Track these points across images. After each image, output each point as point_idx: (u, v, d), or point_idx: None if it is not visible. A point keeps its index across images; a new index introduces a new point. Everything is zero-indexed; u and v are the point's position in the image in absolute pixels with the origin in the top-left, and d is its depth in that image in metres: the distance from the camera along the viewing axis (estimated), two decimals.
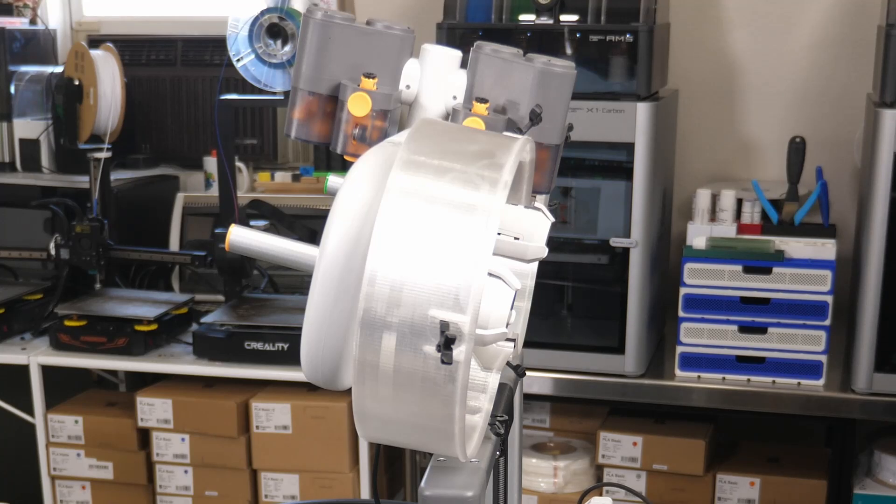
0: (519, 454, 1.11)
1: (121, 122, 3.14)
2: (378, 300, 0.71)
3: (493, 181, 0.74)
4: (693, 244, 2.44)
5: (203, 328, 2.68)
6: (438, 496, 0.79)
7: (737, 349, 2.42)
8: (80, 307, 2.76)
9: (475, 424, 0.84)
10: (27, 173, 3.18)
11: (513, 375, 0.95)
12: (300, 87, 0.95)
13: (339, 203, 0.80)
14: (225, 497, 2.75)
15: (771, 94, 2.89)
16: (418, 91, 0.96)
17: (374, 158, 0.82)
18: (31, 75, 3.22)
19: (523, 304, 0.94)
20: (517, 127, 0.93)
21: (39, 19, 3.38)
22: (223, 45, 2.58)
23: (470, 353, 0.71)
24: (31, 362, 2.69)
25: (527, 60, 0.94)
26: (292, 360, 2.58)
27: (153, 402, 2.72)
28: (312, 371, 0.83)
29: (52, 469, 2.81)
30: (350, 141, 0.94)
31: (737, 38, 2.90)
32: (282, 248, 0.87)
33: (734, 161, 2.94)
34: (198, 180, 3.26)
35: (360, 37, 0.94)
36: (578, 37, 2.41)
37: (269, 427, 2.68)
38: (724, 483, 2.58)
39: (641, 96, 2.37)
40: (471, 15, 2.47)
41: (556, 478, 2.65)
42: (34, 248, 2.95)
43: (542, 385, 2.51)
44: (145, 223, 3.15)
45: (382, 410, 0.75)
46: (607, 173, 2.45)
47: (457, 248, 0.71)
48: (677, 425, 2.66)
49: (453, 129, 0.82)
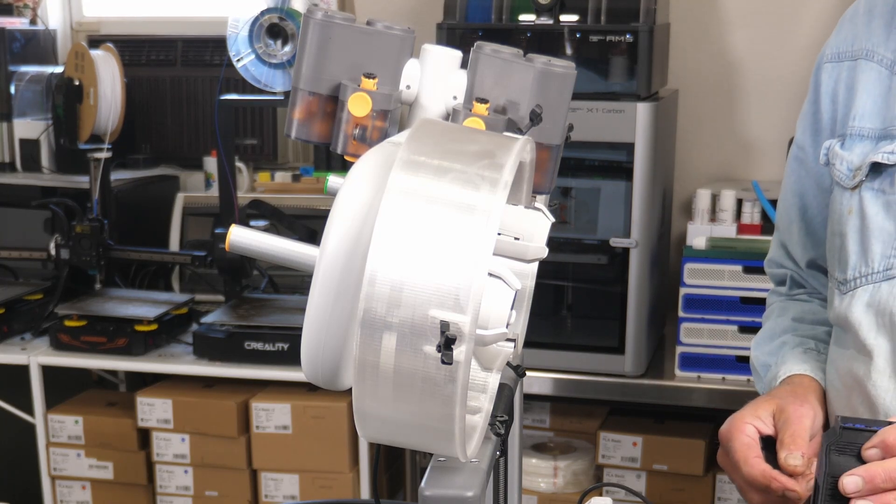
0: (519, 454, 1.11)
1: (121, 122, 3.14)
2: (378, 300, 0.71)
3: (493, 181, 0.74)
4: (693, 244, 2.44)
5: (203, 328, 2.68)
6: (438, 496, 0.79)
7: (737, 349, 2.42)
8: (80, 307, 2.76)
9: (475, 424, 0.84)
10: (27, 173, 3.18)
11: (513, 375, 0.95)
12: (300, 87, 0.95)
13: (339, 203, 0.80)
14: (225, 497, 2.75)
15: (771, 94, 2.89)
16: (418, 91, 0.96)
17: (375, 158, 0.82)
18: (31, 75, 3.22)
19: (523, 304, 0.94)
20: (517, 127, 0.93)
21: (39, 19, 3.38)
22: (223, 45, 2.58)
23: (470, 354, 0.71)
24: (31, 362, 2.69)
25: (527, 60, 0.94)
26: (292, 360, 2.58)
27: (153, 402, 2.72)
28: (312, 371, 0.82)
29: (52, 469, 2.81)
30: (350, 141, 0.93)
31: (737, 38, 2.90)
32: (282, 248, 0.87)
33: (734, 161, 2.94)
34: (198, 180, 3.26)
35: (360, 37, 0.94)
36: (578, 37, 2.41)
37: (269, 427, 2.68)
38: (724, 483, 2.58)
39: (641, 96, 2.37)
40: (471, 15, 2.47)
41: (556, 478, 2.65)
42: (34, 248, 2.95)
43: (542, 385, 2.51)
44: (145, 223, 3.15)
45: (382, 410, 0.74)
46: (607, 173, 2.45)
47: (457, 248, 0.71)
48: (677, 425, 2.67)
49: (453, 130, 0.82)
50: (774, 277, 1.50)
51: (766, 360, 1.39)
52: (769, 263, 1.50)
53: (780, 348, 1.38)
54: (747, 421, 1.20)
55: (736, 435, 1.20)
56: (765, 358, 1.40)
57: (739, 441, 1.19)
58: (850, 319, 1.24)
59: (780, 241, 1.46)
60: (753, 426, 1.20)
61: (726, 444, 1.22)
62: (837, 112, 1.32)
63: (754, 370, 1.43)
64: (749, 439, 1.19)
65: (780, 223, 1.46)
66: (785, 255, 1.46)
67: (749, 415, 1.21)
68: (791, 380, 1.31)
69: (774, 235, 1.48)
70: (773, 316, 1.45)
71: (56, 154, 3.18)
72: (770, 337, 1.42)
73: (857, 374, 1.23)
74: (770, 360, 1.38)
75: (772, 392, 1.29)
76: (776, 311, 1.46)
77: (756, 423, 1.20)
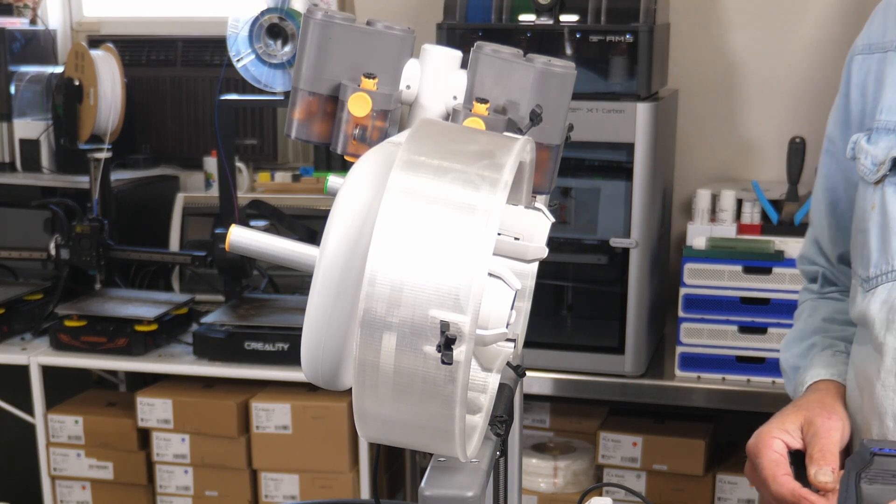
0: (519, 454, 1.11)
1: (121, 122, 3.14)
2: (378, 300, 0.71)
3: (493, 181, 0.74)
4: (693, 244, 2.44)
5: (203, 328, 2.68)
6: (438, 496, 0.79)
7: (737, 349, 2.42)
8: (80, 307, 2.76)
9: (475, 424, 0.84)
10: (27, 173, 3.18)
11: (513, 375, 0.95)
12: (300, 87, 0.95)
13: (339, 203, 0.80)
14: (225, 497, 2.75)
15: (771, 94, 2.89)
16: (418, 91, 0.96)
17: (375, 158, 0.82)
18: (31, 75, 3.22)
19: (523, 304, 0.94)
20: (517, 127, 0.93)
21: (39, 19, 3.38)
22: (223, 45, 2.58)
23: (470, 354, 0.71)
24: (31, 362, 2.69)
25: (527, 60, 0.94)
26: (292, 360, 2.58)
27: (153, 402, 2.72)
28: (312, 371, 0.82)
29: (52, 469, 2.81)
30: (350, 141, 0.93)
31: (737, 38, 2.89)
32: (282, 248, 0.87)
33: (734, 161, 2.94)
34: (198, 180, 3.26)
35: (360, 37, 0.94)
36: (578, 37, 2.41)
37: (269, 427, 2.68)
38: (724, 483, 2.58)
39: (641, 96, 2.37)
40: (471, 15, 2.47)
41: (556, 478, 2.65)
42: (34, 248, 2.95)
43: (542, 385, 2.51)
44: (145, 223, 3.15)
45: (382, 410, 0.74)
46: (607, 173, 2.45)
47: (457, 248, 0.71)
48: (677, 425, 2.66)
49: (453, 130, 0.81)
50: (807, 274, 1.47)
51: (796, 363, 1.36)
52: (801, 260, 1.47)
53: (809, 350, 1.36)
54: (775, 435, 1.18)
55: (763, 451, 1.17)
56: (794, 360, 1.37)
57: (767, 457, 1.17)
58: (868, 317, 1.21)
59: (814, 237, 1.43)
60: (781, 441, 1.18)
61: (754, 459, 1.19)
62: (867, 105, 1.29)
63: (784, 372, 1.40)
64: (777, 455, 1.17)
65: (812, 218, 1.42)
66: (817, 251, 1.43)
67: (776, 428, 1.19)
68: (817, 386, 1.28)
69: (808, 231, 1.45)
70: (804, 316, 1.42)
71: (56, 154, 3.18)
72: (800, 338, 1.39)
73: (869, 373, 1.21)
74: (800, 362, 1.35)
75: (798, 402, 1.26)
76: (807, 311, 1.43)
77: (784, 438, 1.18)
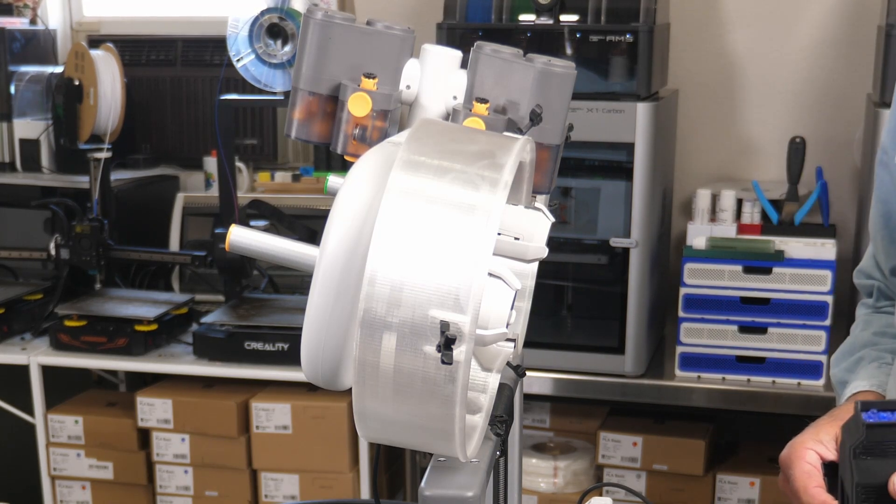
0: (519, 454, 1.11)
1: (121, 122, 3.14)
2: (378, 300, 0.71)
3: (493, 181, 0.74)
4: (693, 244, 2.44)
5: (203, 328, 2.68)
6: (438, 496, 0.79)
7: (737, 349, 2.42)
8: (80, 307, 2.76)
9: (475, 424, 0.84)
10: (27, 173, 3.18)
11: (513, 375, 0.95)
12: (300, 87, 0.95)
13: (339, 203, 0.80)
14: (225, 497, 2.75)
15: (771, 94, 2.89)
16: (418, 91, 0.96)
17: (375, 158, 0.82)
18: (31, 75, 3.22)
19: (523, 304, 0.94)
20: (517, 127, 0.93)
21: (39, 19, 3.38)
22: (223, 45, 2.58)
23: (470, 354, 0.71)
24: (31, 362, 2.69)
25: (527, 60, 0.94)
26: (292, 360, 2.58)
27: (153, 402, 2.72)
28: (312, 371, 0.82)
29: (52, 469, 2.81)
30: (350, 141, 0.94)
31: (737, 38, 2.89)
32: (282, 248, 0.87)
33: (734, 161, 2.94)
34: (198, 180, 3.26)
35: (360, 37, 0.94)
36: (578, 37, 2.41)
37: (269, 427, 2.68)
38: (724, 483, 2.58)
39: (641, 96, 2.37)
40: (471, 15, 2.47)
41: (556, 478, 2.65)
42: (34, 248, 2.95)
43: (542, 385, 2.51)
44: (145, 223, 3.15)
45: (382, 410, 0.75)
46: (607, 173, 2.45)
47: (457, 248, 0.71)
48: (677, 425, 2.66)
49: (453, 129, 0.82)
50: (863, 288, 1.45)
51: (843, 378, 1.35)
52: (857, 274, 1.46)
53: (856, 364, 1.34)
54: (808, 447, 1.17)
55: (796, 462, 1.16)
56: (842, 375, 1.36)
57: (800, 469, 1.15)
58: None
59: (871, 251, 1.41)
60: (815, 452, 1.16)
61: (787, 470, 1.18)
62: None
63: (834, 388, 1.39)
64: (810, 466, 1.15)
65: (870, 231, 1.40)
66: (874, 264, 1.41)
67: (810, 439, 1.17)
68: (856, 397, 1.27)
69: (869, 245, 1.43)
70: (857, 330, 1.41)
71: (56, 154, 3.18)
72: (849, 352, 1.38)
73: None
74: (847, 377, 1.34)
75: (834, 413, 1.24)
76: (860, 325, 1.41)
77: (818, 449, 1.16)
